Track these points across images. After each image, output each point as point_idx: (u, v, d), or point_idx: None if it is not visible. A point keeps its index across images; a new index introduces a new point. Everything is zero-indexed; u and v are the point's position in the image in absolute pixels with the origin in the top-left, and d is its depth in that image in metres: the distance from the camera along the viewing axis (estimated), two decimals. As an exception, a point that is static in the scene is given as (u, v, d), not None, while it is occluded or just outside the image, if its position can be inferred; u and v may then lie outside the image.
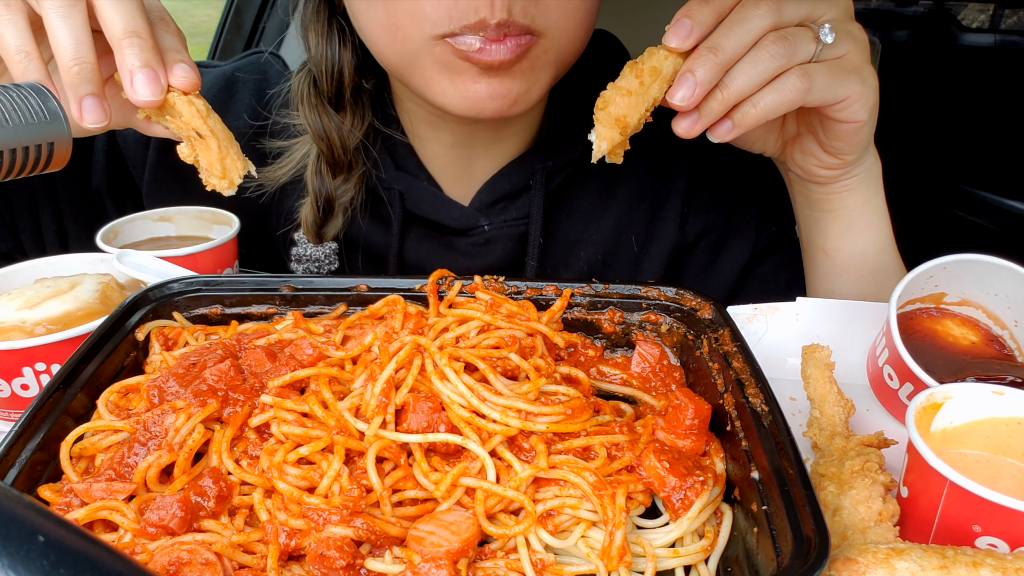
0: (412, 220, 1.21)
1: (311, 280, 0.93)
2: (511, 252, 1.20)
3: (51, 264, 1.06)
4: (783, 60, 0.77)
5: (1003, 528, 0.62)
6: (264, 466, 0.69)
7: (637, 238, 1.25)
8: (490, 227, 1.18)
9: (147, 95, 0.78)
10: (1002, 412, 0.71)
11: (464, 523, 0.66)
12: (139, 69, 0.77)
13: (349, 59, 1.11)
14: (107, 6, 0.77)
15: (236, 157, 0.86)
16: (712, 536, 0.69)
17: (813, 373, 0.83)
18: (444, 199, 1.19)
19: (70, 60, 0.75)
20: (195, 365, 0.78)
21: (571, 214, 1.23)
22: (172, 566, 0.62)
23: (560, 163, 1.18)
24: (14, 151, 0.71)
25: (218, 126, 0.84)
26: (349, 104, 1.14)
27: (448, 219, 1.18)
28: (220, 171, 0.85)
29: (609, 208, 1.24)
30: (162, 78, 0.79)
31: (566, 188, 1.22)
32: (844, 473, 0.70)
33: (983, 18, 5.26)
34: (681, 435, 0.74)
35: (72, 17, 0.75)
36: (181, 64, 0.81)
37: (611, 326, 0.92)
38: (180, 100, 0.81)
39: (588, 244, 1.23)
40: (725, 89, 0.78)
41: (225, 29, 2.56)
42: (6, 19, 0.75)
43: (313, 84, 1.13)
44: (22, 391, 0.87)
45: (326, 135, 1.12)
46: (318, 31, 1.10)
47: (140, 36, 0.77)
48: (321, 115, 1.12)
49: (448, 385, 0.73)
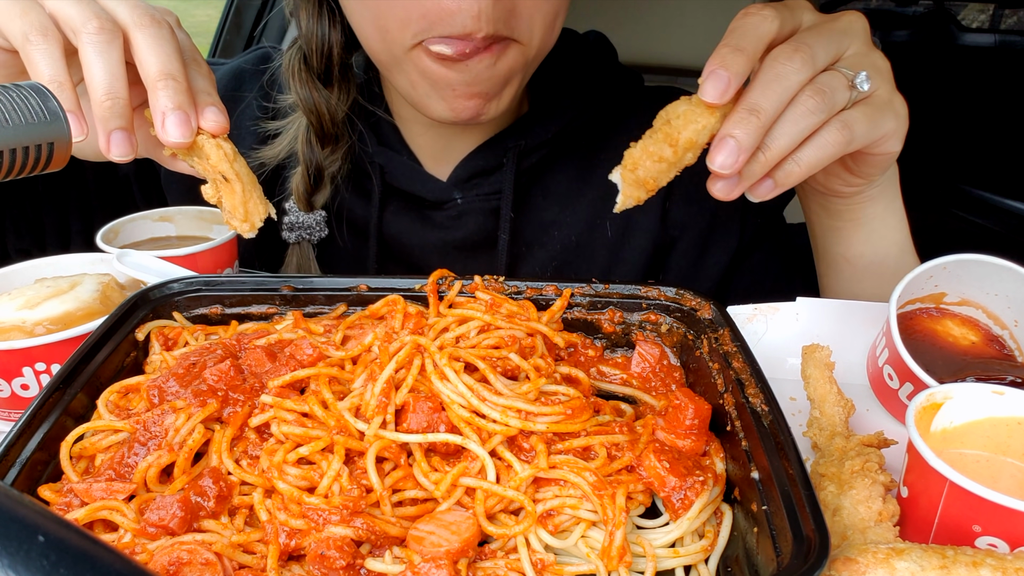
0: (392, 193, 1.27)
1: (311, 280, 0.94)
2: (484, 225, 1.26)
3: (51, 264, 1.06)
4: (823, 115, 0.75)
5: (1003, 528, 0.62)
6: (264, 466, 0.69)
7: (613, 225, 1.28)
8: (463, 200, 1.24)
9: (178, 137, 0.79)
10: (1002, 412, 0.71)
11: (464, 523, 0.66)
12: (171, 111, 0.78)
13: (338, 38, 1.17)
14: (144, 47, 0.78)
15: (259, 200, 0.87)
16: (712, 536, 0.69)
17: (813, 373, 0.83)
18: (421, 173, 1.25)
19: (103, 95, 0.76)
20: (195, 365, 0.78)
21: (548, 195, 1.28)
22: (172, 566, 0.62)
23: (533, 143, 1.23)
24: (14, 151, 0.71)
25: (243, 170, 0.86)
26: (337, 80, 1.20)
27: (424, 191, 1.24)
28: (243, 215, 0.86)
29: (585, 193, 1.28)
30: (193, 121, 0.80)
31: (543, 169, 1.27)
32: (844, 473, 0.70)
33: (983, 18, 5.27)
34: (681, 435, 0.74)
35: (109, 53, 0.76)
36: (212, 108, 0.82)
37: (611, 326, 0.92)
38: (209, 143, 0.82)
39: (563, 226, 1.28)
40: (767, 151, 0.75)
41: (225, 29, 2.57)
42: (42, 49, 0.76)
43: (303, 61, 1.19)
44: (22, 391, 0.87)
45: (315, 108, 1.19)
46: (309, 11, 1.16)
47: (175, 79, 0.78)
48: (312, 90, 1.18)
49: (448, 385, 0.73)
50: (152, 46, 0.78)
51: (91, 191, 1.34)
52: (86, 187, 1.33)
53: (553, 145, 1.25)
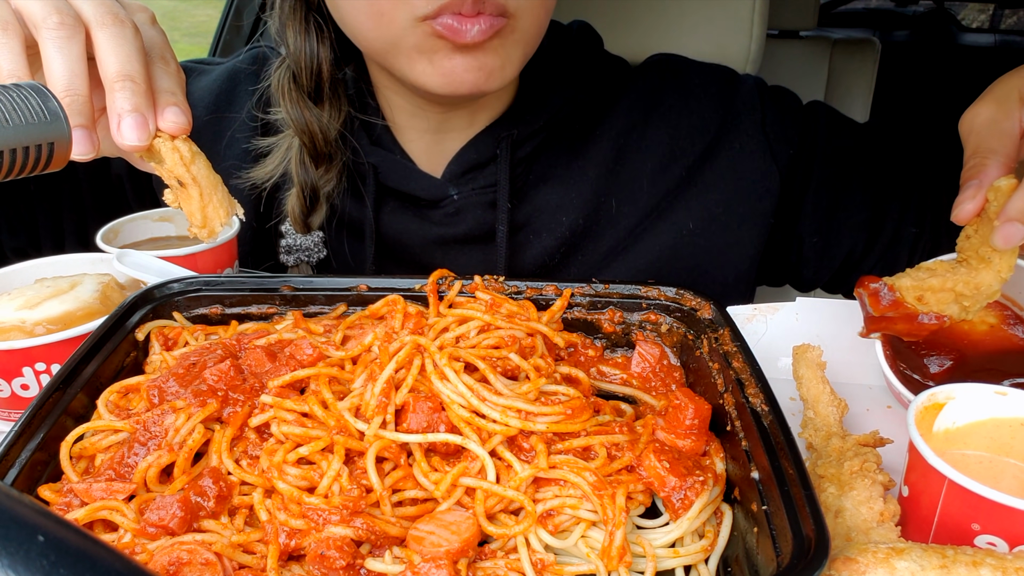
0: (387, 193, 1.26)
1: (311, 280, 0.94)
2: (483, 219, 1.24)
3: (51, 264, 1.06)
4: None
5: (1002, 527, 0.62)
6: (264, 466, 0.69)
7: (617, 200, 1.26)
8: (459, 196, 1.23)
9: (133, 140, 0.77)
10: (1005, 413, 0.71)
11: (464, 523, 0.66)
12: (127, 113, 0.76)
13: (327, 54, 1.15)
14: (104, 46, 0.77)
15: (219, 204, 0.84)
16: (712, 536, 0.69)
17: (805, 373, 0.83)
18: (415, 171, 1.23)
19: (62, 91, 0.74)
20: (195, 365, 0.78)
21: (548, 180, 1.26)
22: (172, 566, 0.62)
23: (525, 132, 1.21)
24: (14, 151, 0.71)
25: (202, 172, 0.83)
26: (328, 97, 1.18)
27: (419, 190, 1.22)
28: (200, 221, 0.83)
29: (587, 171, 1.26)
30: (151, 123, 0.79)
31: (539, 155, 1.25)
32: (844, 474, 0.70)
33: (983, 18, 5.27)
34: (681, 435, 0.74)
35: (69, 49, 0.75)
36: (172, 108, 0.81)
37: (611, 326, 0.92)
38: (165, 146, 0.80)
39: (569, 208, 1.26)
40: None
41: (225, 29, 2.57)
42: (2, 43, 0.75)
43: (293, 79, 1.17)
44: (22, 391, 0.87)
45: (308, 128, 1.17)
46: (296, 28, 1.14)
47: (133, 80, 0.77)
48: (302, 109, 1.17)
49: (448, 385, 0.73)
50: (112, 46, 0.77)
51: (84, 191, 1.33)
52: (79, 186, 1.32)
53: (547, 131, 1.24)
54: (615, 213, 1.26)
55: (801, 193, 1.26)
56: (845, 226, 1.26)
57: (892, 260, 1.26)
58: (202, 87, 1.33)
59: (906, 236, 1.24)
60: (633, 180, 1.26)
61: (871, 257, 1.26)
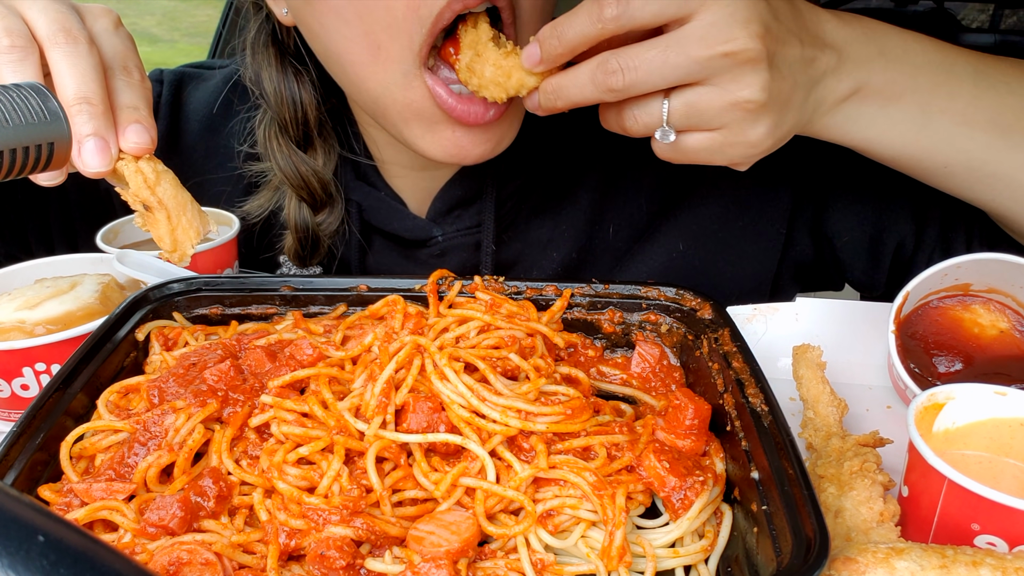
0: (372, 231, 1.22)
1: (311, 280, 0.94)
2: (467, 261, 1.19)
3: (51, 264, 1.06)
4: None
5: (1001, 526, 0.62)
6: (264, 466, 0.69)
7: (615, 227, 1.21)
8: (444, 237, 1.18)
9: (95, 166, 0.75)
10: (1005, 413, 0.71)
11: (464, 523, 0.66)
12: (86, 138, 0.74)
13: (309, 97, 1.10)
14: (59, 68, 0.75)
15: (187, 226, 0.81)
16: (712, 536, 0.69)
17: (805, 373, 0.83)
18: (399, 210, 1.18)
19: None
20: (195, 365, 0.78)
21: (539, 214, 1.21)
22: (172, 566, 0.62)
23: (513, 166, 1.15)
24: (14, 151, 0.71)
25: (168, 193, 0.80)
26: (318, 141, 1.13)
27: (403, 230, 1.18)
28: (170, 244, 0.81)
29: (580, 197, 1.20)
30: (112, 146, 0.76)
31: (529, 190, 1.19)
32: (844, 474, 0.70)
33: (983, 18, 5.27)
34: (681, 435, 0.74)
35: (24, 71, 0.74)
36: (134, 125, 0.78)
37: (611, 326, 0.92)
38: (128, 168, 0.77)
39: (560, 243, 1.21)
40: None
41: (225, 29, 2.57)
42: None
43: (279, 130, 1.12)
44: (22, 391, 0.87)
45: (304, 181, 1.12)
46: (271, 76, 1.10)
47: (90, 102, 0.75)
48: (296, 162, 1.12)
49: (448, 385, 0.73)
50: (66, 66, 0.75)
51: (71, 201, 1.28)
52: (66, 197, 1.28)
53: (537, 163, 1.17)
54: (612, 239, 1.22)
55: (820, 194, 1.18)
56: (885, 220, 1.14)
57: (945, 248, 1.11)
58: (197, 98, 1.29)
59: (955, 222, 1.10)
60: (628, 202, 1.21)
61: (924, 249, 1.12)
